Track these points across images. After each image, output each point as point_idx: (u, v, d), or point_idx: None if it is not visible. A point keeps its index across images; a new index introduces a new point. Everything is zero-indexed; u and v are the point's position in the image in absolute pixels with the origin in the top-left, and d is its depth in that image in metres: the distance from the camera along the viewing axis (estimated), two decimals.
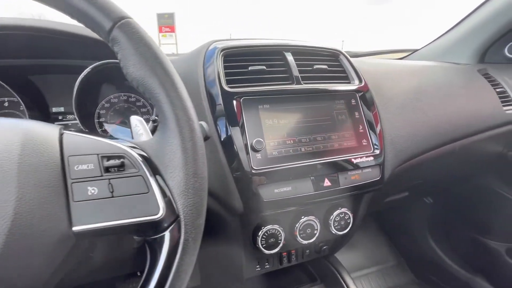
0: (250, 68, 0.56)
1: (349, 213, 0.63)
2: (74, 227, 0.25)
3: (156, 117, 0.44)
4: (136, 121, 0.37)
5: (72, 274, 0.36)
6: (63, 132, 0.29)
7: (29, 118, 0.56)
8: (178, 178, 0.27)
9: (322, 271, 0.77)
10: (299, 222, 0.59)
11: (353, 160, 0.55)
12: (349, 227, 0.64)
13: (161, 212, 0.26)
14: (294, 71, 0.58)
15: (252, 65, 0.56)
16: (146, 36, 0.29)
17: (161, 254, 0.26)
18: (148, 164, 0.28)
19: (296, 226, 0.59)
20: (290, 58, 0.59)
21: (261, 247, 0.57)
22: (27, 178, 0.23)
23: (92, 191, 0.26)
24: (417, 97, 0.75)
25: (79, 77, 0.54)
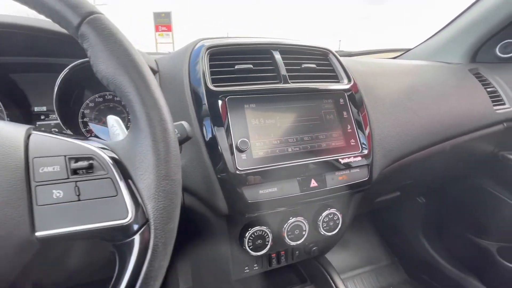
0: (237, 67, 0.55)
1: (338, 214, 0.62)
2: (37, 233, 0.23)
3: None
4: (113, 121, 0.36)
5: (48, 279, 0.35)
6: (31, 133, 0.28)
7: (9, 118, 0.55)
8: (149, 181, 0.26)
9: (313, 272, 0.77)
10: (287, 223, 0.58)
11: (341, 160, 0.55)
12: (338, 228, 0.63)
13: (130, 216, 0.25)
14: (282, 70, 0.57)
15: (239, 64, 0.55)
16: (117, 32, 0.28)
17: (130, 260, 0.25)
18: (118, 166, 0.27)
19: (284, 227, 0.58)
20: (278, 57, 0.59)
21: (248, 249, 0.56)
22: None
23: (57, 195, 0.24)
24: (408, 97, 0.74)
25: (59, 76, 0.53)
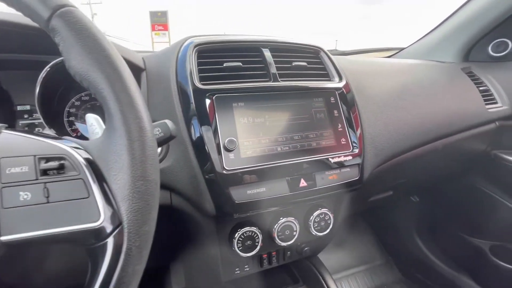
0: (225, 65, 0.54)
1: (330, 214, 0.62)
2: (2, 237, 0.22)
3: None
4: (92, 120, 0.35)
5: (22, 284, 0.33)
6: (1, 132, 0.26)
7: None
8: (123, 181, 0.25)
9: (305, 273, 0.76)
10: (278, 224, 0.57)
11: (331, 160, 0.54)
12: (330, 228, 0.62)
13: (102, 219, 0.24)
14: (272, 68, 0.56)
15: (228, 62, 0.54)
16: (90, 26, 0.27)
17: (102, 265, 0.23)
18: (91, 167, 0.26)
19: (275, 228, 0.58)
20: (268, 55, 0.58)
21: (238, 250, 0.55)
22: None
23: (25, 197, 0.23)
24: (400, 96, 0.74)
25: (41, 74, 0.51)
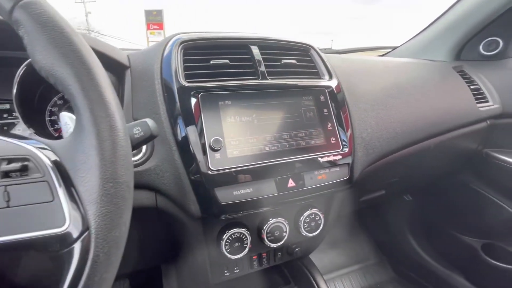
0: (212, 62, 0.53)
1: (320, 214, 0.61)
2: None
3: None
4: (66, 118, 0.33)
5: None
6: None
7: None
8: (91, 183, 0.23)
9: (296, 273, 0.75)
10: (267, 224, 0.56)
11: (320, 159, 0.53)
12: (320, 229, 0.61)
13: (67, 224, 0.22)
14: (260, 66, 0.55)
15: (215, 59, 0.53)
16: (57, 17, 0.25)
17: (68, 273, 0.22)
18: (57, 168, 0.24)
19: (264, 229, 0.56)
20: (256, 52, 0.56)
21: (226, 252, 0.53)
22: None
23: None
24: (391, 94, 0.73)
25: (18, 72, 0.49)
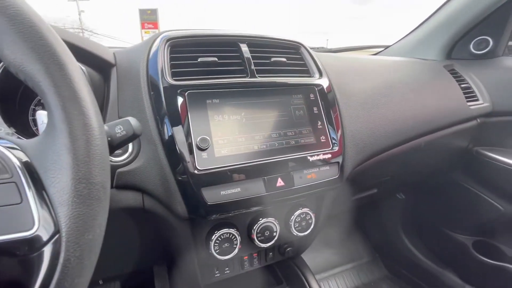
0: (200, 60, 0.52)
1: (311, 213, 0.60)
2: None
3: None
4: (43, 117, 0.32)
5: None
6: None
7: None
8: (61, 184, 0.22)
9: (288, 273, 0.75)
10: (257, 224, 0.56)
11: (310, 158, 0.52)
12: (311, 228, 0.61)
13: (36, 227, 0.21)
14: (249, 64, 0.54)
15: (203, 57, 0.52)
16: (26, 10, 0.24)
17: (36, 278, 0.21)
18: (27, 168, 0.23)
19: (254, 229, 0.56)
20: (245, 50, 0.55)
21: (214, 253, 0.53)
22: None
23: None
24: (383, 93, 0.73)
25: None
